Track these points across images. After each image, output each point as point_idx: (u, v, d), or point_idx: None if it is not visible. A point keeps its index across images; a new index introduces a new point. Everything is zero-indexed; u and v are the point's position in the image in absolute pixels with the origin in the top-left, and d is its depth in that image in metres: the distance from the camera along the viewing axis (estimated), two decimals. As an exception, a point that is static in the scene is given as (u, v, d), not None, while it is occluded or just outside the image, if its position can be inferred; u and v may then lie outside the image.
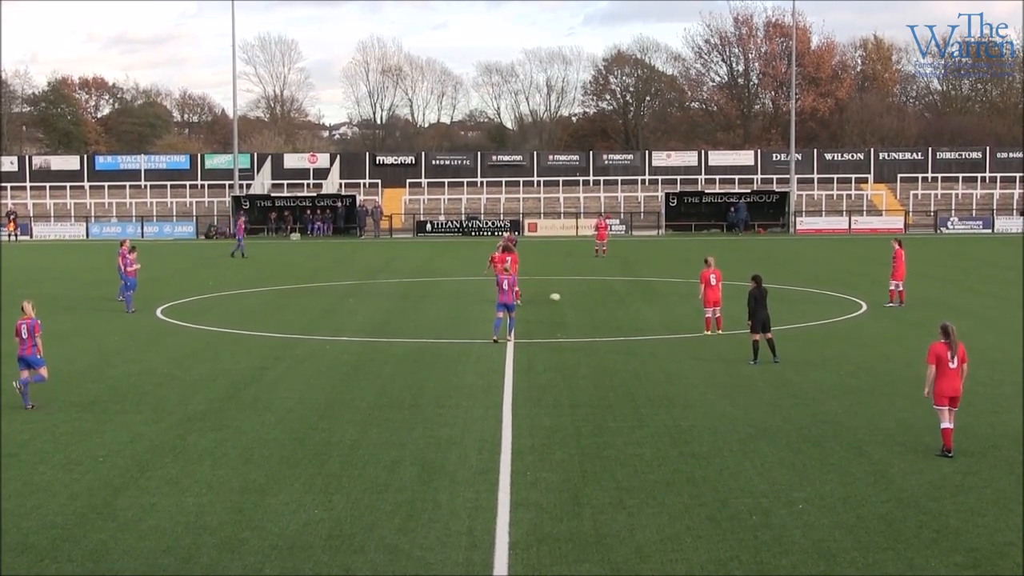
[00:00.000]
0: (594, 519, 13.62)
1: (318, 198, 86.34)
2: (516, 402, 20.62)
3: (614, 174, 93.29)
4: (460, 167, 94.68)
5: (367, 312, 35.19)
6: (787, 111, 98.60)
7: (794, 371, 23.80)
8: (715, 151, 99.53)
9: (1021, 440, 17.41)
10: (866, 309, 34.21)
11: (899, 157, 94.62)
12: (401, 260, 57.18)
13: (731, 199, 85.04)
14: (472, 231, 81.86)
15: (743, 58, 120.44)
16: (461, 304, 37.25)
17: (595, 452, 16.88)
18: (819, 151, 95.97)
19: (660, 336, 29.38)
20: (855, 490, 14.76)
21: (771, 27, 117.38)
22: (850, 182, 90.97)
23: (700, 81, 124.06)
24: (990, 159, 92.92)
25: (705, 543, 12.76)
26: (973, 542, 12.70)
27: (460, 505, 14.20)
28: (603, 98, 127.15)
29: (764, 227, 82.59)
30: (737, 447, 17.08)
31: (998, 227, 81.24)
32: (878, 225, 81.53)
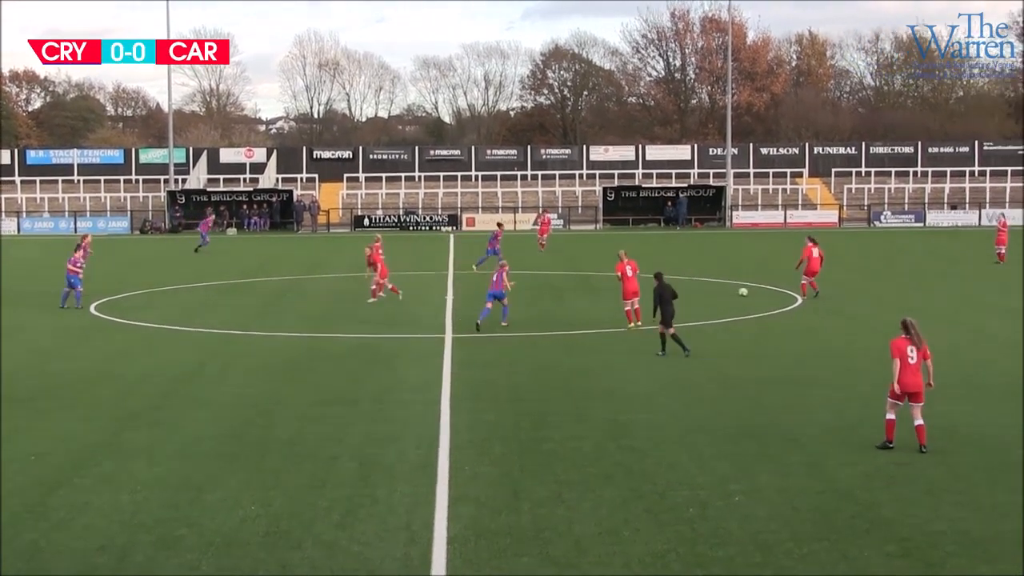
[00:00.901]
0: (533, 513, 13.65)
1: (255, 193, 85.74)
2: (455, 397, 20.62)
3: (552, 168, 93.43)
4: (398, 161, 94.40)
5: (306, 308, 35.01)
6: (723, 106, 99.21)
7: (732, 364, 24.00)
8: (652, 145, 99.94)
9: (952, 432, 17.67)
10: (801, 302, 34.54)
11: (833, 152, 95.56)
12: (339, 255, 56.92)
13: (668, 194, 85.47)
14: (410, 226, 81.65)
15: (680, 53, 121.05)
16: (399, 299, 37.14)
17: (534, 446, 16.92)
18: (755, 145, 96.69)
19: (599, 330, 29.49)
20: (791, 482, 14.91)
21: (707, 22, 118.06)
22: (785, 176, 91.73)
23: (637, 76, 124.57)
24: (922, 154, 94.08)
25: (643, 536, 12.83)
26: (905, 532, 12.88)
27: (398, 500, 14.18)
28: (541, 92, 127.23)
29: (701, 221, 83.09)
30: (675, 440, 17.19)
31: (929, 221, 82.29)
32: (813, 219, 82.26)
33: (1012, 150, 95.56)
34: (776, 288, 38.04)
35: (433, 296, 37.26)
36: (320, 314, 33.43)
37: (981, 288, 38.92)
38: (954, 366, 23.51)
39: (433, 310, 33.59)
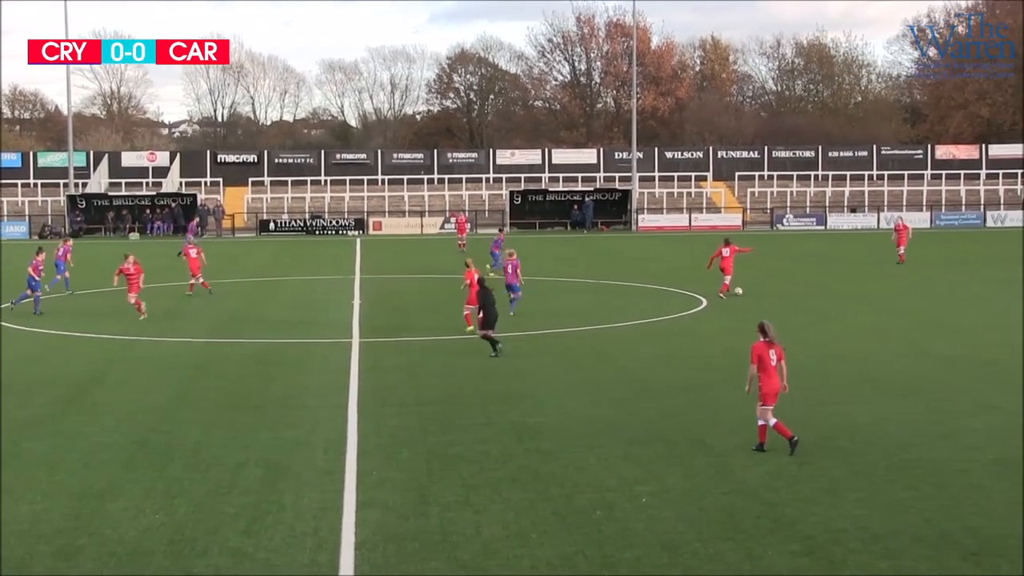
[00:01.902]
0: (441, 517, 13.62)
1: (158, 197, 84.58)
2: (362, 402, 20.52)
3: (458, 172, 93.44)
4: (303, 165, 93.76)
5: (210, 312, 34.61)
6: (629, 110, 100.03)
7: (639, 367, 24.17)
8: (559, 149, 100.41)
9: (854, 431, 17.98)
10: (706, 305, 34.90)
11: (736, 155, 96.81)
12: (244, 260, 56.36)
13: (575, 197, 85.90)
14: (316, 230, 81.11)
15: (585, 57, 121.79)
16: (306, 304, 36.91)
17: (442, 450, 16.89)
18: (660, 149, 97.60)
19: (507, 333, 29.48)
20: (697, 483, 15.06)
21: (612, 27, 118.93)
22: (690, 180, 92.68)
23: (543, 80, 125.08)
24: (822, 158, 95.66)
25: (551, 538, 12.87)
26: (808, 530, 13.06)
27: (305, 506, 14.07)
28: (447, 96, 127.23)
29: (607, 225, 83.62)
30: (583, 442, 17.26)
31: (830, 224, 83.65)
32: (717, 222, 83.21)
33: (908, 154, 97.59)
34: (682, 291, 38.38)
35: (340, 300, 37.04)
36: (225, 319, 33.06)
37: (882, 289, 39.63)
38: (856, 366, 23.95)
39: (340, 315, 33.38)
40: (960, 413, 19.17)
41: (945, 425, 18.26)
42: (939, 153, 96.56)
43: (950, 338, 28.10)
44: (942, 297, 37.00)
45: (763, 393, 16.47)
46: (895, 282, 41.97)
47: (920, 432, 17.81)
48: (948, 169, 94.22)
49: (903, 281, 42.11)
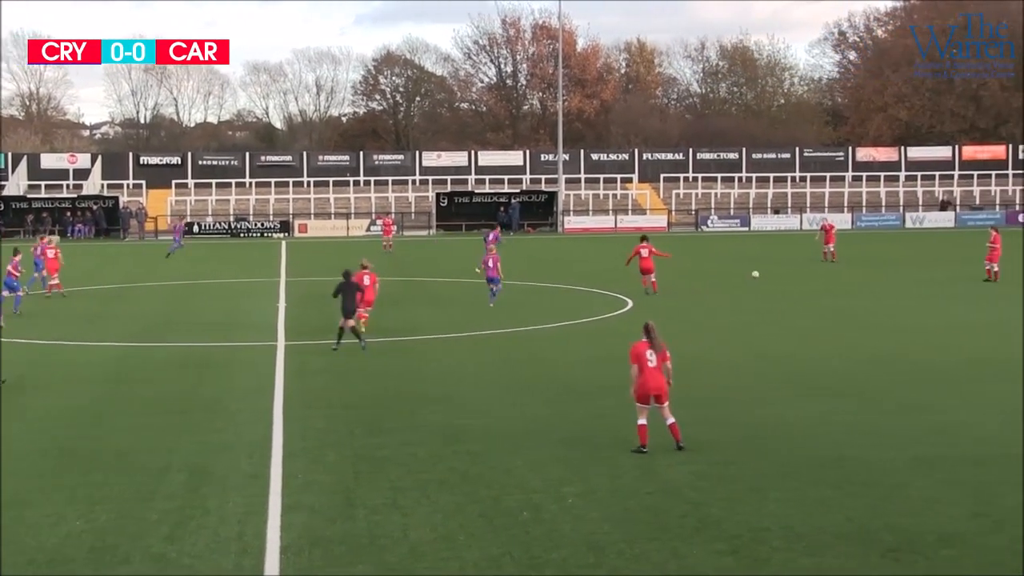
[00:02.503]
0: (368, 520, 13.56)
1: (79, 200, 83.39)
2: (288, 405, 20.38)
3: (385, 174, 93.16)
4: (228, 167, 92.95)
5: (134, 316, 34.19)
6: (555, 112, 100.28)
7: (566, 368, 24.24)
8: (485, 151, 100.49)
9: (780, 430, 18.17)
10: (632, 306, 35.08)
11: (662, 157, 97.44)
12: (168, 263, 55.74)
13: (501, 199, 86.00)
14: (241, 233, 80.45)
15: (511, 59, 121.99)
16: (231, 307, 36.59)
17: (368, 453, 16.81)
18: (586, 151, 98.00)
19: (434, 336, 29.48)
20: (623, 483, 15.12)
21: (538, 29, 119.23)
22: (616, 182, 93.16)
23: (469, 82, 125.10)
24: (746, 160, 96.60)
25: (478, 540, 12.86)
26: (733, 529, 13.17)
27: (230, 510, 13.94)
28: (373, 98, 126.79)
29: (533, 226, 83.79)
30: (510, 444, 17.27)
31: (754, 225, 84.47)
32: (643, 223, 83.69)
33: (830, 156, 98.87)
34: (608, 292, 38.56)
35: (265, 304, 36.76)
36: (148, 323, 32.68)
37: (808, 289, 40.08)
38: (783, 366, 24.20)
39: (265, 318, 33.13)
40: (884, 412, 19.43)
41: (868, 423, 18.51)
42: (860, 155, 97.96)
43: (875, 338, 28.48)
44: (866, 297, 37.49)
45: (638, 393, 16.55)
46: (820, 283, 42.49)
47: (845, 431, 18.04)
48: (868, 171, 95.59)
49: (828, 281, 42.64)
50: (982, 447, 16.88)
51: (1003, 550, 12.44)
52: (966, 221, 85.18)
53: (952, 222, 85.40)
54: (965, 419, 18.78)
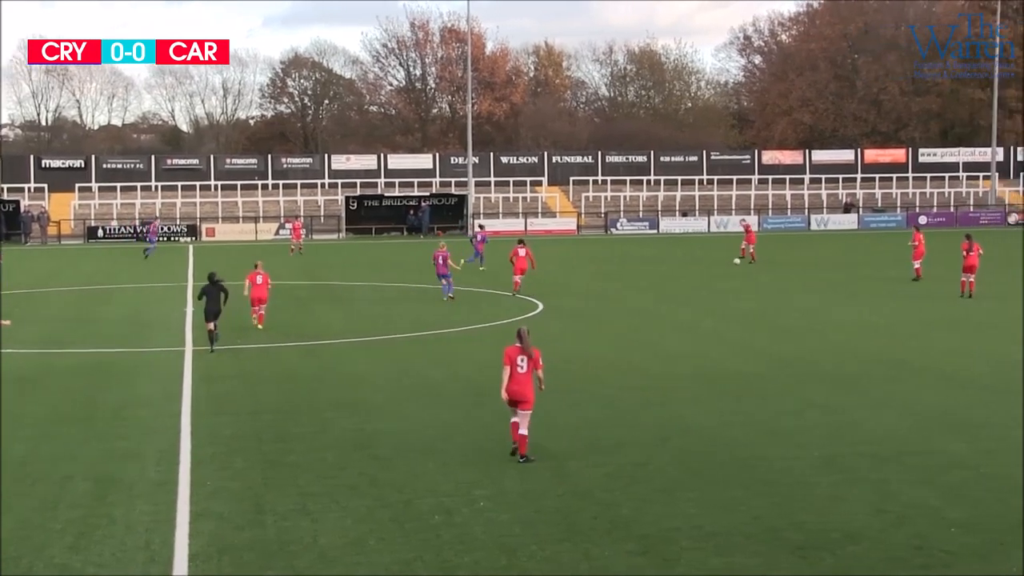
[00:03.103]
0: (277, 526, 13.46)
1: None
2: (196, 411, 20.15)
3: (293, 178, 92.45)
4: (133, 171, 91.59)
5: (37, 323, 33.55)
6: (464, 115, 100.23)
7: (476, 371, 24.23)
8: (394, 154, 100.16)
9: (689, 431, 18.35)
10: (542, 309, 35.19)
11: (571, 160, 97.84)
12: (72, 268, 54.80)
13: (411, 202, 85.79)
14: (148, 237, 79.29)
15: (420, 62, 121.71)
16: (138, 313, 36.08)
17: (278, 459, 16.68)
18: (495, 154, 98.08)
19: (344, 340, 29.33)
20: (534, 485, 15.17)
21: (447, 32, 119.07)
22: (525, 185, 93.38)
23: (378, 85, 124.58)
24: (654, 163, 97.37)
25: (389, 545, 12.83)
26: (643, 529, 13.28)
27: (137, 519, 13.75)
28: (281, 101, 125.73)
29: (443, 229, 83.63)
30: (420, 448, 17.23)
31: (662, 228, 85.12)
32: (553, 227, 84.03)
33: (737, 159, 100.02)
34: (518, 295, 38.60)
35: (172, 308, 36.29)
36: (52, 329, 32.09)
37: (714, 291, 40.45)
38: (690, 367, 24.42)
39: (172, 323, 32.72)
40: (788, 412, 19.71)
41: (774, 424, 18.76)
42: (765, 158, 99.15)
43: (778, 339, 28.88)
44: (771, 299, 37.97)
45: (506, 395, 16.60)
46: (727, 284, 42.93)
47: (751, 431, 18.28)
48: (774, 174, 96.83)
49: (734, 283, 43.11)
50: (882, 445, 17.20)
51: (905, 545, 12.71)
52: (869, 223, 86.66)
53: (856, 224, 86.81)
54: (865, 418, 19.12)
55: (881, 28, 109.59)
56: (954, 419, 18.93)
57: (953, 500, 14.29)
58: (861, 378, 22.96)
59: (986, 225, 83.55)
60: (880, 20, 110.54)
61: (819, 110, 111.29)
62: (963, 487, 14.88)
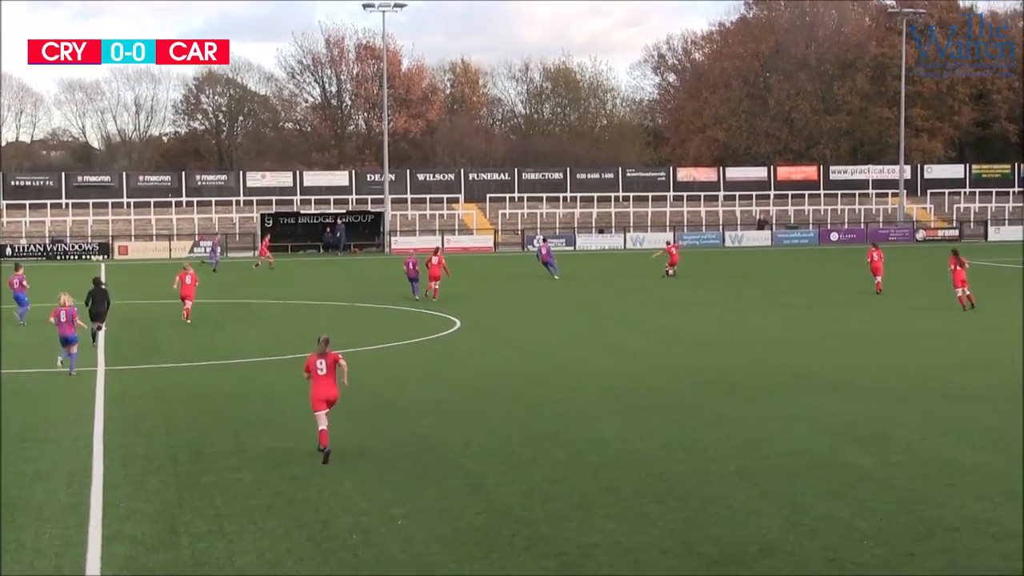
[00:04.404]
0: (192, 548, 13.32)
1: None
2: (108, 432, 19.85)
3: (208, 195, 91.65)
4: (43, 188, 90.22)
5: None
6: (380, 132, 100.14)
7: (390, 388, 24.17)
8: (310, 171, 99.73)
9: (603, 447, 18.44)
10: (460, 326, 35.18)
11: (488, 177, 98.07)
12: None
13: (327, 220, 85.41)
14: (58, 255, 78.11)
15: (336, 79, 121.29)
16: (47, 331, 35.43)
17: (192, 479, 16.50)
18: (412, 171, 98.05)
19: (258, 359, 29.10)
20: (452, 503, 15.15)
21: (362, 49, 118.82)
22: (442, 202, 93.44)
23: (294, 101, 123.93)
24: (571, 180, 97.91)
25: (306, 565, 12.75)
26: (561, 546, 13.32)
27: (47, 543, 13.51)
28: (195, 118, 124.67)
29: (360, 247, 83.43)
30: (337, 466, 17.13)
31: (579, 244, 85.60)
32: (470, 244, 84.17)
33: (652, 176, 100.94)
34: (437, 312, 38.60)
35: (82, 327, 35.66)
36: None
37: (629, 308, 40.72)
38: (604, 383, 24.55)
39: (82, 341, 32.17)
40: (702, 427, 19.87)
41: (688, 439, 18.91)
42: (680, 175, 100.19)
43: (692, 354, 29.15)
44: (686, 314, 38.31)
45: (313, 398, 17.78)
46: (643, 299, 43.25)
47: (664, 446, 18.41)
48: (689, 191, 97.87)
49: (649, 298, 43.45)
50: (793, 459, 17.40)
51: (818, 558, 12.88)
52: (782, 240, 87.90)
53: (769, 240, 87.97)
54: (777, 432, 19.33)
55: (792, 47, 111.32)
56: (864, 432, 19.21)
57: (863, 512, 14.51)
58: (774, 392, 23.22)
59: (895, 241, 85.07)
60: (791, 39, 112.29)
61: (732, 128, 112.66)
62: (872, 499, 15.11)
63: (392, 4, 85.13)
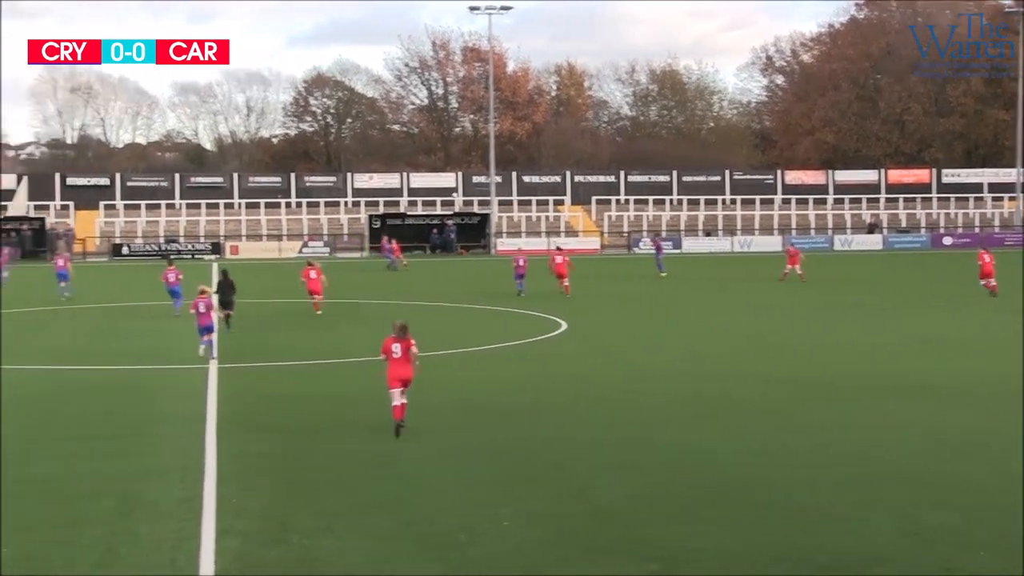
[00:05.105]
0: (301, 544, 13.49)
1: (4, 221, 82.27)
2: (221, 428, 20.20)
3: (316, 196, 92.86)
4: (157, 189, 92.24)
5: (61, 339, 33.74)
6: (486, 134, 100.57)
7: (495, 389, 24.24)
8: (417, 173, 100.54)
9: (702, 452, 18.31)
10: (565, 328, 35.17)
11: (593, 180, 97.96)
12: (96, 285, 55.08)
13: (434, 221, 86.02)
14: (172, 254, 79.70)
15: (442, 82, 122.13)
16: (162, 330, 36.23)
17: (301, 476, 16.72)
18: (518, 174, 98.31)
19: (365, 359, 29.35)
20: (557, 504, 15.14)
21: (468, 52, 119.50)
22: (548, 204, 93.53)
23: (401, 104, 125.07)
24: (677, 182, 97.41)
25: (413, 563, 12.84)
26: (667, 550, 13.24)
27: (162, 536, 13.79)
28: (304, 120, 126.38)
29: (466, 248, 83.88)
30: (442, 467, 17.23)
31: (685, 247, 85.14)
32: (576, 246, 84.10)
33: (759, 179, 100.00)
34: (543, 314, 38.65)
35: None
36: (75, 346, 32.28)
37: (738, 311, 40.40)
38: (703, 387, 24.35)
39: (197, 340, 32.80)
40: (803, 432, 19.55)
41: (791, 445, 18.60)
42: (789, 178, 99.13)
43: (792, 359, 28.76)
44: (788, 318, 37.83)
45: (388, 377, 19.31)
46: (746, 304, 42.83)
47: (767, 451, 18.14)
48: (797, 194, 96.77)
49: (755, 302, 43.01)
50: (900, 466, 17.05)
51: (932, 567, 12.62)
52: (893, 244, 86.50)
53: (880, 244, 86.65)
54: (881, 440, 18.93)
55: (903, 49, 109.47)
56: (972, 440, 18.78)
57: (977, 522, 14.19)
58: (878, 398, 22.80)
59: (1011, 246, 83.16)
60: (902, 41, 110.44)
61: (842, 130, 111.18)
62: (984, 509, 14.77)
63: (498, 7, 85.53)
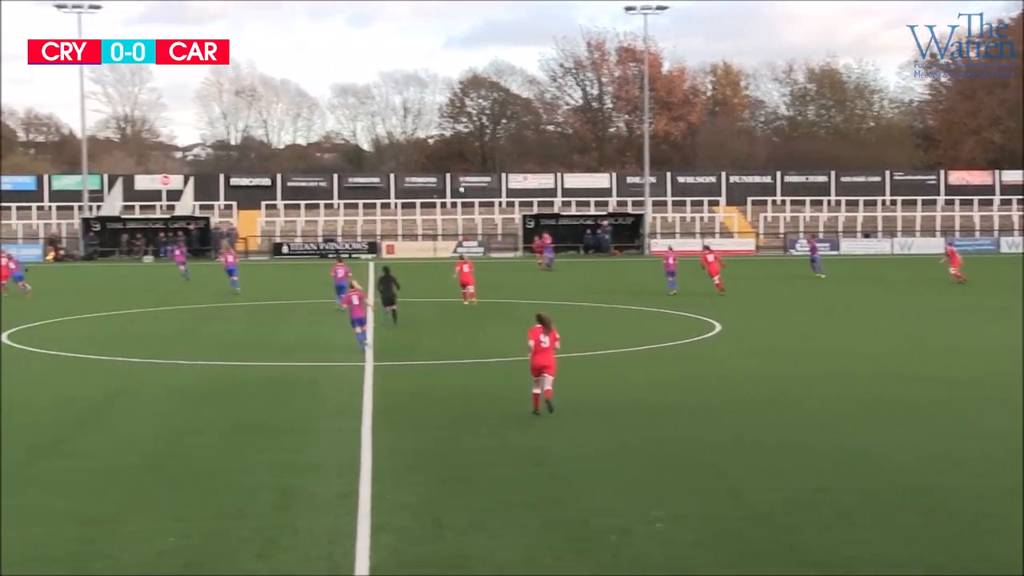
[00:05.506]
0: (455, 541, 13.58)
1: (171, 220, 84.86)
2: (376, 425, 20.48)
3: (471, 196, 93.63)
4: (316, 189, 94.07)
5: (223, 335, 34.64)
6: (641, 134, 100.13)
7: (647, 390, 24.09)
8: (571, 174, 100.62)
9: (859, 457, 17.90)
10: (720, 330, 34.81)
11: (749, 180, 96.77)
12: (258, 283, 56.43)
13: (587, 221, 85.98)
14: (329, 253, 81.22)
15: (597, 82, 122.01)
16: (318, 327, 36.93)
17: (454, 474, 16.85)
18: (672, 174, 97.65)
19: (515, 358, 29.44)
20: (711, 507, 14.98)
21: (623, 52, 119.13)
22: (703, 204, 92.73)
23: (555, 104, 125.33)
24: (835, 183, 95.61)
25: (565, 563, 12.82)
26: (823, 556, 12.99)
27: (319, 530, 14.03)
28: (459, 120, 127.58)
29: (620, 249, 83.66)
30: (595, 467, 17.20)
31: (843, 249, 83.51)
32: (731, 247, 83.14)
33: (921, 179, 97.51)
34: (697, 316, 38.33)
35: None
36: (237, 342, 33.10)
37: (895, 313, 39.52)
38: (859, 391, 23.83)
39: (353, 338, 33.34)
40: (966, 439, 19.01)
41: (954, 452, 18.11)
42: (952, 179, 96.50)
43: (952, 364, 27.94)
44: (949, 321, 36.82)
45: (532, 366, 20.53)
46: (906, 305, 41.84)
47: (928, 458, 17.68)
48: (961, 195, 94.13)
49: (914, 304, 41.99)
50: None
51: (1103, 583, 12.15)
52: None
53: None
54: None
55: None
56: None
57: None
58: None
59: None
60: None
61: (1010, 129, 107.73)
62: None
63: (654, 7, 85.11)
